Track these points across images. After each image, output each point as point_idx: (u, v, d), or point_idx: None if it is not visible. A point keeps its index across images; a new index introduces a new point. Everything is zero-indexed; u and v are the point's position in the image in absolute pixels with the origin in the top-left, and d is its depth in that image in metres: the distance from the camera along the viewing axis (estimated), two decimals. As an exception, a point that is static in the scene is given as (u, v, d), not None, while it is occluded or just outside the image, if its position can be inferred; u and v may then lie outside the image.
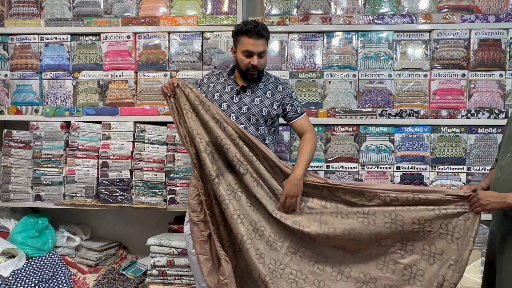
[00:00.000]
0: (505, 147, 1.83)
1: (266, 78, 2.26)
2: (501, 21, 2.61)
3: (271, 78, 2.29)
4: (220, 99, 2.17)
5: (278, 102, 2.22)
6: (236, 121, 2.12)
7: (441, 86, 2.66)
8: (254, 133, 2.15)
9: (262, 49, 2.09)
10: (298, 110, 2.25)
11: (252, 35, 2.06)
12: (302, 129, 2.23)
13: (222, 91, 2.19)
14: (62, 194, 2.86)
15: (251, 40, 2.06)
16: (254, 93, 2.19)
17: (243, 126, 2.13)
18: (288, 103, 2.24)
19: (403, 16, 2.66)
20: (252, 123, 2.16)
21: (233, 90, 2.18)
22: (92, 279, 2.82)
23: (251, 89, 2.19)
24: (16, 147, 2.87)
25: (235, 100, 2.16)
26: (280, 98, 2.23)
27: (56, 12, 2.87)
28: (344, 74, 2.71)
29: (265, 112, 2.18)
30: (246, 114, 2.16)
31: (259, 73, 2.15)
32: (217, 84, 2.21)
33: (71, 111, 2.85)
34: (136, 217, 3.15)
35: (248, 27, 2.07)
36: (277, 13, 2.77)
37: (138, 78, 2.82)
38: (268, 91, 2.21)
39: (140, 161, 2.77)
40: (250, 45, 2.07)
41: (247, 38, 2.07)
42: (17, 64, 2.89)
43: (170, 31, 2.78)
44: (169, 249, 2.61)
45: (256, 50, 2.08)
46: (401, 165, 2.69)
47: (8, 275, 2.59)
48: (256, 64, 2.09)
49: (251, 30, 2.05)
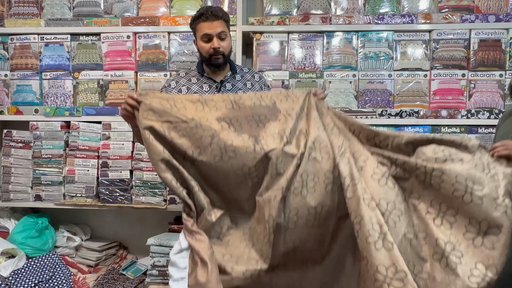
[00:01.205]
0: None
1: (240, 69, 2.17)
2: (501, 21, 2.61)
3: (244, 68, 2.21)
4: None
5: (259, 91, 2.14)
6: None
7: (441, 86, 2.66)
8: None
9: (220, 30, 1.97)
10: None
11: (206, 18, 1.95)
12: None
13: (200, 91, 2.04)
14: (62, 194, 2.86)
15: (207, 23, 1.95)
16: (235, 86, 2.08)
17: None
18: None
19: (403, 16, 2.66)
20: None
21: (212, 88, 2.06)
22: (92, 279, 2.82)
23: (229, 83, 2.08)
24: (16, 147, 2.87)
25: None
26: (259, 88, 2.15)
27: (56, 12, 2.87)
28: (344, 74, 2.71)
29: None
30: None
31: (224, 56, 2.01)
32: (190, 85, 2.06)
33: (71, 111, 2.85)
34: (136, 217, 3.15)
35: (200, 11, 1.98)
36: (277, 13, 2.77)
37: (138, 78, 2.82)
38: (248, 82, 2.12)
39: (140, 161, 2.77)
40: (206, 28, 1.95)
41: (202, 22, 1.97)
42: (17, 64, 2.89)
43: (170, 31, 2.78)
44: (169, 249, 2.60)
45: (213, 31, 1.96)
46: (401, 165, 2.69)
47: (8, 275, 2.59)
48: (218, 46, 1.96)
49: (204, 13, 1.96)
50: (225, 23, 2.02)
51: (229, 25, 2.07)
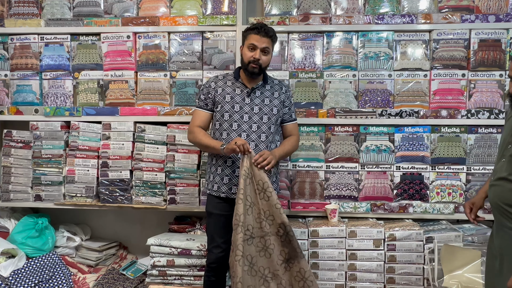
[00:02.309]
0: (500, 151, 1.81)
1: (271, 80, 2.38)
2: (501, 21, 2.61)
3: (275, 80, 2.41)
4: (232, 100, 2.25)
5: (283, 103, 2.34)
6: (249, 121, 2.23)
7: (441, 86, 2.66)
8: (266, 132, 2.24)
9: (265, 45, 2.20)
10: (293, 116, 2.41)
11: (258, 32, 2.20)
12: (292, 132, 2.40)
13: (233, 93, 2.27)
14: (62, 194, 2.86)
15: (257, 36, 2.20)
16: (263, 94, 2.29)
17: (256, 125, 2.23)
18: (288, 105, 2.37)
19: (403, 16, 2.66)
20: (264, 122, 2.24)
21: (243, 92, 2.27)
22: (92, 279, 2.82)
23: (259, 90, 2.30)
24: (16, 147, 2.87)
25: (247, 101, 2.25)
26: (284, 99, 2.36)
27: (56, 12, 2.87)
28: (344, 74, 2.71)
29: (275, 111, 2.29)
30: (258, 114, 2.24)
31: (260, 68, 2.23)
32: (225, 87, 2.29)
33: (71, 111, 2.85)
34: (136, 217, 3.15)
35: (256, 25, 2.23)
36: (277, 13, 2.77)
37: (138, 78, 2.82)
38: (275, 92, 2.33)
39: (140, 161, 2.77)
40: (255, 40, 2.20)
41: (254, 34, 2.21)
42: (17, 64, 2.89)
43: (170, 31, 2.78)
44: (169, 249, 2.61)
45: (260, 45, 2.20)
46: (401, 165, 2.70)
47: (8, 275, 2.59)
48: (258, 58, 2.19)
49: (258, 27, 2.21)
50: (272, 43, 2.27)
51: (274, 44, 2.30)
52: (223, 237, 2.24)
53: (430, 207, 2.68)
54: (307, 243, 2.56)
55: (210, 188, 2.30)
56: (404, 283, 2.53)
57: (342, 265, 2.56)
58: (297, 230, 2.56)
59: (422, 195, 2.69)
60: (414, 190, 2.69)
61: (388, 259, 2.54)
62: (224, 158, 2.23)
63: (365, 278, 2.55)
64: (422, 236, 2.52)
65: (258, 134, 2.22)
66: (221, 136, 2.25)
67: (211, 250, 2.28)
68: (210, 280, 2.31)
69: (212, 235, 2.29)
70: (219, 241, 2.25)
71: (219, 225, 2.26)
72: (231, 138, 2.20)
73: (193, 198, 2.76)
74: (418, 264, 2.53)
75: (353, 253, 2.55)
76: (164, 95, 2.80)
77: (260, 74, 2.29)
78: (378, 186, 2.72)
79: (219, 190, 2.25)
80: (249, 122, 2.23)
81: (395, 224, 2.63)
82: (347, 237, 2.55)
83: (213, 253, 2.27)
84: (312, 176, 2.74)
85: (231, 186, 2.23)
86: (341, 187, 2.73)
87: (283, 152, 2.28)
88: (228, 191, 2.24)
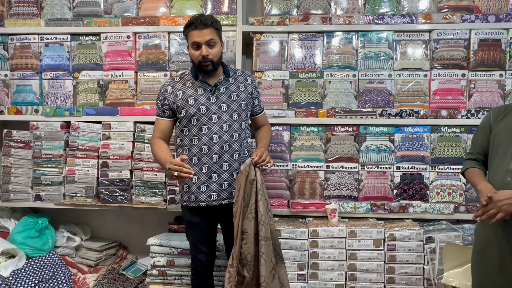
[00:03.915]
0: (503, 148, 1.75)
1: (233, 72, 2.23)
2: (501, 21, 2.61)
3: (237, 71, 2.26)
4: (196, 103, 2.09)
5: (250, 95, 2.22)
6: (218, 121, 2.09)
7: (441, 86, 2.66)
8: (238, 130, 2.13)
9: (209, 38, 2.03)
10: (261, 105, 2.34)
11: (196, 27, 2.02)
12: (263, 122, 2.36)
13: (195, 95, 2.10)
14: (62, 194, 2.86)
15: (196, 32, 2.02)
16: (229, 89, 2.15)
17: (226, 124, 2.11)
18: (256, 96, 2.27)
19: (403, 16, 2.66)
20: (235, 120, 2.13)
21: (207, 91, 2.11)
22: (92, 279, 2.82)
23: (223, 86, 2.14)
24: (16, 147, 2.87)
25: (213, 100, 2.11)
26: (251, 90, 2.23)
27: (56, 12, 2.87)
28: (344, 74, 2.71)
29: (244, 106, 2.17)
30: (227, 112, 2.11)
31: (213, 63, 2.06)
32: (185, 89, 2.12)
33: (71, 111, 2.85)
34: (136, 217, 3.15)
35: (191, 20, 2.05)
36: (277, 13, 2.77)
37: (138, 78, 2.82)
38: (240, 84, 2.19)
39: (140, 161, 2.77)
40: (196, 36, 2.03)
41: (192, 30, 2.04)
42: (17, 64, 2.89)
43: (170, 31, 2.78)
44: (169, 249, 2.61)
45: (202, 39, 2.02)
46: (401, 165, 2.70)
47: (8, 275, 2.59)
48: (206, 54, 2.02)
49: (194, 22, 2.03)
50: (215, 31, 2.07)
51: (220, 32, 2.12)
52: (205, 243, 2.21)
53: (430, 207, 2.68)
54: (307, 243, 2.56)
55: (186, 200, 2.17)
56: (404, 283, 2.54)
57: (342, 265, 2.56)
58: (297, 230, 2.56)
59: (422, 195, 2.69)
60: (414, 190, 2.69)
61: (388, 259, 2.54)
62: (199, 165, 2.10)
63: (365, 278, 2.55)
64: (422, 236, 2.52)
65: (230, 134, 2.11)
66: (192, 142, 2.11)
67: (196, 257, 2.22)
68: (198, 282, 2.27)
69: (195, 243, 2.22)
70: (202, 248, 2.20)
71: (200, 233, 2.20)
72: (202, 143, 2.09)
73: (193, 198, 2.77)
74: (418, 264, 2.53)
75: (353, 253, 2.55)
76: (164, 95, 2.80)
77: (216, 69, 2.11)
78: (378, 186, 2.72)
79: (197, 200, 2.13)
80: (219, 123, 2.09)
81: (395, 224, 2.63)
82: (347, 237, 2.55)
83: (198, 259, 2.22)
84: (312, 176, 2.74)
85: (210, 194, 2.12)
86: (341, 187, 2.73)
87: (268, 145, 2.23)
88: (208, 198, 2.12)
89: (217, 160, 2.10)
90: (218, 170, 2.12)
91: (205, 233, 2.21)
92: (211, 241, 2.25)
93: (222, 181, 2.13)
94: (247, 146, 2.23)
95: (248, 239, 2.03)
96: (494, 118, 1.84)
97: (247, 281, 2.08)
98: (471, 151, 1.96)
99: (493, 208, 1.61)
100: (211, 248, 2.25)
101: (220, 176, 2.12)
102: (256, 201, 2.03)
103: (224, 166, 2.12)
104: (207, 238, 2.22)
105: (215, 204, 2.13)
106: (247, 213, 2.04)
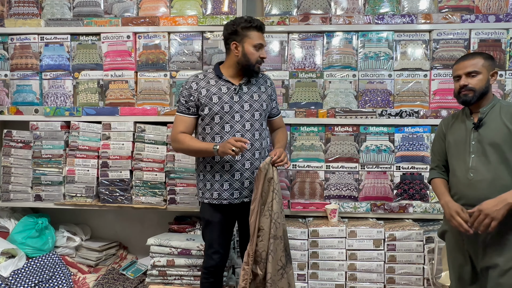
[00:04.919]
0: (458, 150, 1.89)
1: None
2: (501, 21, 2.61)
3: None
4: (220, 101, 2.12)
5: (270, 97, 2.27)
6: (241, 120, 2.12)
7: (441, 86, 2.66)
8: (259, 129, 2.17)
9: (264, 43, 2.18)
10: (278, 108, 2.37)
11: (260, 29, 2.14)
12: (279, 125, 2.38)
13: (219, 93, 2.13)
14: (62, 194, 2.86)
15: (260, 34, 2.14)
16: (251, 89, 2.19)
17: (249, 123, 2.14)
18: (274, 99, 2.32)
19: (403, 16, 2.66)
20: (256, 119, 2.16)
21: (231, 90, 2.14)
22: (92, 279, 2.82)
23: (246, 86, 2.18)
24: (16, 147, 2.87)
25: (236, 100, 2.13)
26: (271, 92, 2.29)
27: (56, 12, 2.87)
28: (344, 74, 2.71)
29: (265, 106, 2.21)
30: (249, 111, 2.15)
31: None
32: (210, 87, 2.14)
33: (71, 111, 2.85)
34: (136, 217, 3.15)
35: (257, 23, 2.14)
36: (277, 13, 2.77)
37: (138, 78, 2.82)
38: (261, 86, 2.24)
39: (140, 161, 2.77)
40: (261, 38, 2.14)
41: (257, 31, 2.12)
42: (17, 64, 2.89)
43: (170, 31, 2.78)
44: (169, 249, 2.61)
45: (264, 43, 2.16)
46: (401, 165, 2.70)
47: (8, 275, 2.59)
48: (265, 57, 2.16)
49: (260, 25, 2.14)
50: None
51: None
52: (221, 243, 2.22)
53: (430, 207, 2.68)
54: (307, 243, 2.56)
55: (208, 197, 2.17)
56: (404, 283, 2.54)
57: (342, 265, 2.56)
58: (297, 230, 2.56)
59: (422, 195, 2.69)
60: (414, 190, 2.69)
61: (388, 259, 2.54)
62: (222, 163, 2.12)
63: (365, 278, 2.55)
64: (422, 236, 2.52)
65: (252, 133, 2.14)
66: (214, 140, 2.13)
67: (210, 256, 2.23)
68: (208, 282, 2.28)
69: (211, 242, 2.23)
70: (217, 248, 2.21)
71: (218, 233, 2.21)
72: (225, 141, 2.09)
73: (193, 198, 2.76)
74: (418, 264, 2.53)
75: (353, 253, 2.55)
76: (164, 95, 2.80)
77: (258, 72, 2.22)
78: (378, 186, 2.72)
79: (220, 197, 2.15)
80: (241, 121, 2.12)
81: (395, 224, 2.63)
82: (347, 237, 2.56)
83: (212, 259, 2.22)
84: (312, 176, 2.74)
85: (233, 192, 2.14)
86: (341, 187, 2.73)
87: (285, 146, 2.28)
88: (230, 196, 2.15)
89: (239, 158, 2.12)
90: (240, 169, 2.14)
91: (222, 232, 2.23)
92: (227, 242, 2.26)
93: (244, 179, 2.15)
94: (267, 146, 2.25)
95: (264, 236, 2.05)
96: (445, 126, 2.01)
97: (260, 279, 2.09)
98: (433, 159, 2.10)
99: (485, 218, 1.72)
100: (226, 249, 2.25)
101: (242, 174, 2.15)
102: (272, 199, 2.06)
103: (246, 164, 2.14)
104: (223, 238, 2.23)
105: (237, 202, 2.16)
106: (264, 210, 2.06)
